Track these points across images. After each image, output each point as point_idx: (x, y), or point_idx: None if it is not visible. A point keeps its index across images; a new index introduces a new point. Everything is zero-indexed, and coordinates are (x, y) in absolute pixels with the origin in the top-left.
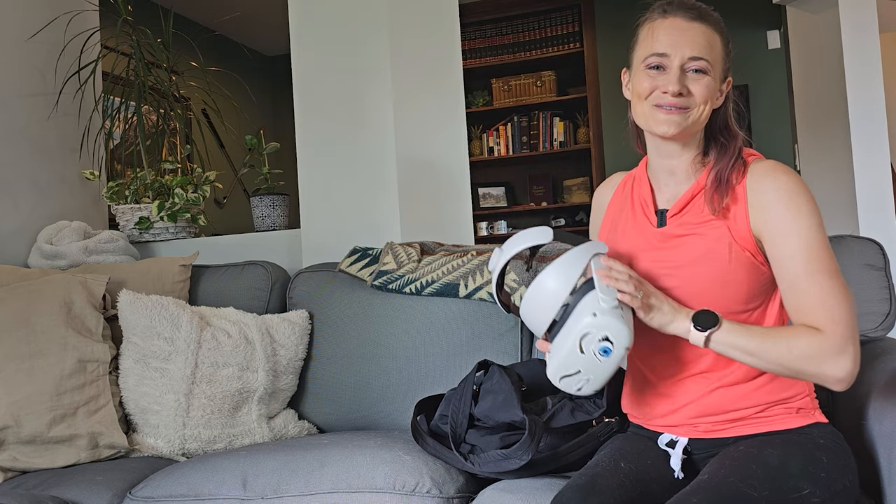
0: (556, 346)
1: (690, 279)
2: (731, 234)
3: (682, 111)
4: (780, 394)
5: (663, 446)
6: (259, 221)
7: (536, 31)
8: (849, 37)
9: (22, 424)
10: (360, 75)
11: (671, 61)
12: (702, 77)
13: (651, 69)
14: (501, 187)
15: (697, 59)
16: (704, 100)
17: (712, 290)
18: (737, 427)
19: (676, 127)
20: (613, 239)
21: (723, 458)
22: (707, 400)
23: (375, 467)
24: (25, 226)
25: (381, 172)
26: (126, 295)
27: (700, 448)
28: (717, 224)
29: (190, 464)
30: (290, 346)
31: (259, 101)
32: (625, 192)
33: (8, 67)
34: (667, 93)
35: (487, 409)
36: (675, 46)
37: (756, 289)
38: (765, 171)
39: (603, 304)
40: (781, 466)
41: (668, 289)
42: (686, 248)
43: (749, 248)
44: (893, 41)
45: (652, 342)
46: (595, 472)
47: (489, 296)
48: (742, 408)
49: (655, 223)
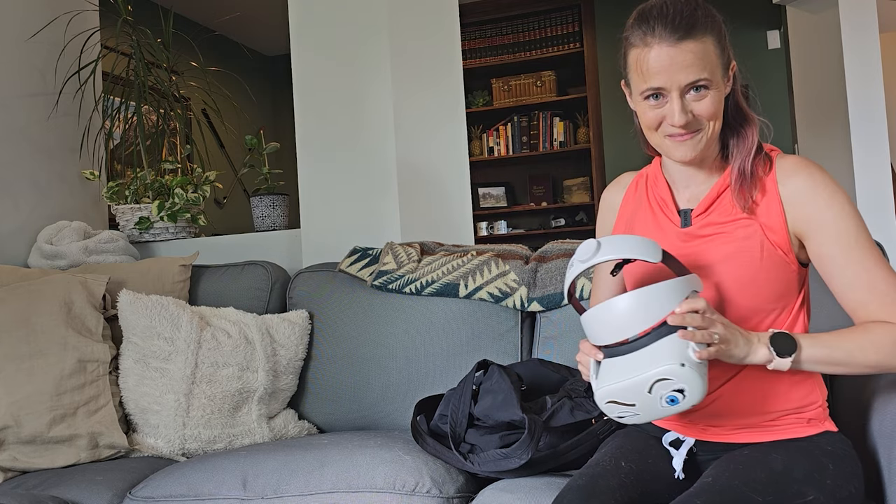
0: (616, 367)
1: (721, 279)
2: (763, 231)
3: (694, 134)
4: (797, 402)
5: (666, 444)
6: (259, 221)
7: (536, 31)
8: (849, 37)
9: (22, 424)
10: (361, 75)
11: (669, 92)
12: (704, 94)
13: (651, 99)
14: (501, 187)
15: (694, 82)
16: (712, 115)
17: (741, 289)
18: (746, 433)
19: (692, 151)
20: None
21: (727, 462)
22: (720, 404)
23: (375, 467)
24: (25, 226)
25: (381, 172)
26: (126, 295)
27: (705, 450)
28: (747, 222)
29: (190, 464)
30: (290, 346)
31: (259, 101)
32: (638, 193)
33: (8, 67)
34: (673, 125)
35: (487, 409)
36: (669, 79)
37: (783, 288)
38: (797, 167)
39: (693, 355)
40: (786, 472)
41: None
42: (714, 247)
43: (782, 245)
44: (893, 41)
45: None
46: (595, 471)
47: (489, 295)
48: (756, 414)
49: (679, 223)
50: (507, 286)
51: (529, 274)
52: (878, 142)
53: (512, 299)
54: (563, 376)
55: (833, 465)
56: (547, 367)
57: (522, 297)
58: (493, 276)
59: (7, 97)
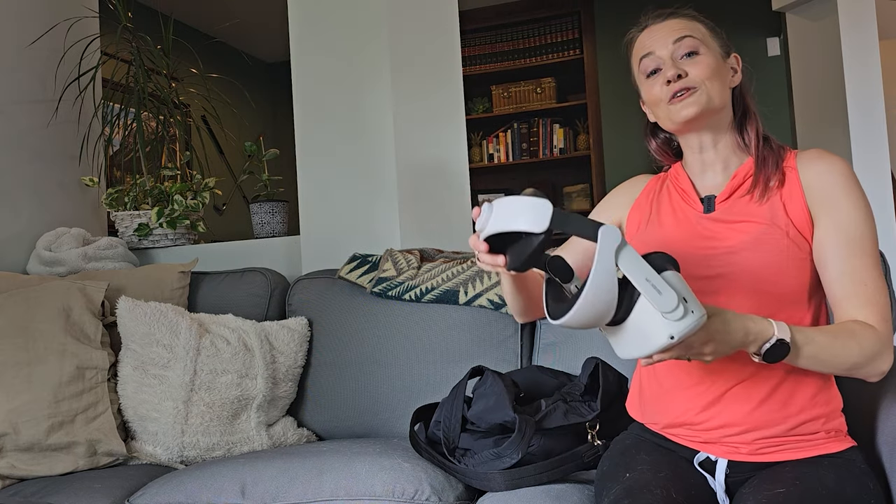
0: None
1: (742, 266)
2: (788, 216)
3: (692, 91)
4: (820, 408)
5: (696, 465)
6: (258, 228)
7: (536, 38)
8: (849, 44)
9: (20, 432)
10: (360, 82)
11: (660, 55)
12: (695, 58)
13: (650, 76)
14: (501, 194)
15: (681, 38)
16: (707, 75)
17: (767, 278)
18: (777, 451)
19: (695, 105)
20: (651, 233)
21: (778, 481)
22: (751, 417)
23: (374, 475)
24: (24, 232)
25: (380, 179)
26: (125, 302)
27: (737, 470)
28: (771, 208)
29: (188, 471)
30: (290, 353)
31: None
32: (655, 189)
33: (7, 74)
34: (670, 81)
35: (480, 412)
36: (657, 42)
37: (808, 279)
38: (819, 155)
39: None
40: (840, 491)
41: (715, 277)
42: (739, 232)
43: (806, 231)
44: (893, 48)
45: None
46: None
47: (488, 302)
48: (781, 421)
49: (702, 209)
50: None
51: None
52: (879, 149)
53: None
54: (561, 382)
55: (872, 485)
56: (545, 374)
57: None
58: (492, 283)
59: (7, 104)
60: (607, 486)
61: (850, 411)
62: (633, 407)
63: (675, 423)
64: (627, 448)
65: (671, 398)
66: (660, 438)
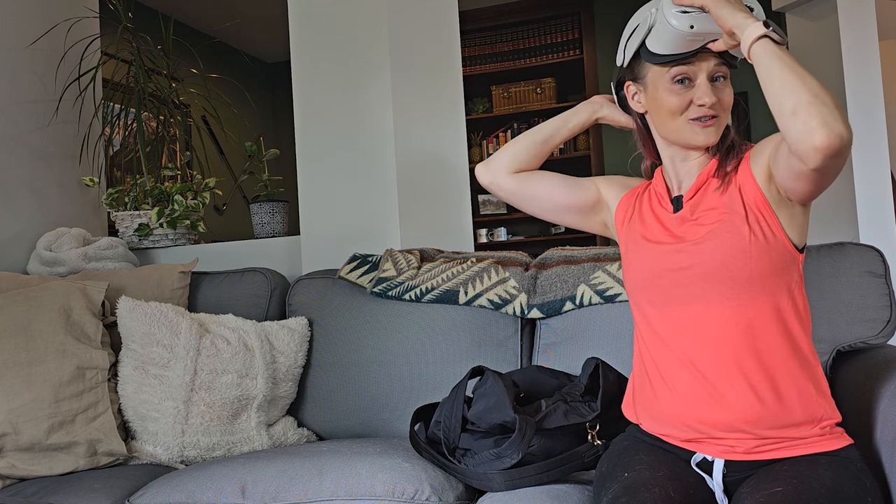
0: None
1: (709, 253)
2: (744, 201)
3: (716, 120)
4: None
5: (694, 466)
6: (258, 228)
7: (536, 39)
8: (848, 44)
9: (20, 432)
10: (360, 82)
11: (698, 69)
12: (725, 84)
13: (677, 83)
14: None
15: (722, 64)
16: (730, 105)
17: (734, 262)
18: (774, 450)
19: (715, 136)
20: (633, 229)
21: (775, 480)
22: (745, 416)
23: (374, 475)
24: (25, 232)
25: (380, 179)
26: (125, 302)
27: (734, 470)
28: (732, 199)
29: (188, 471)
30: (290, 353)
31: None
32: (639, 192)
33: (8, 74)
34: (703, 105)
35: (480, 412)
36: (699, 61)
37: (775, 264)
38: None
39: None
40: (838, 489)
41: (688, 267)
42: (702, 224)
43: (763, 207)
44: (893, 48)
45: (697, 333)
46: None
47: (488, 302)
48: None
49: (671, 209)
50: (507, 293)
51: (529, 281)
52: (878, 149)
53: (512, 306)
54: (561, 382)
55: (869, 483)
56: (545, 374)
57: (522, 303)
58: (492, 283)
59: (7, 104)
60: (606, 485)
61: (849, 411)
62: (628, 408)
63: (668, 425)
64: (626, 449)
65: (662, 402)
66: (655, 440)
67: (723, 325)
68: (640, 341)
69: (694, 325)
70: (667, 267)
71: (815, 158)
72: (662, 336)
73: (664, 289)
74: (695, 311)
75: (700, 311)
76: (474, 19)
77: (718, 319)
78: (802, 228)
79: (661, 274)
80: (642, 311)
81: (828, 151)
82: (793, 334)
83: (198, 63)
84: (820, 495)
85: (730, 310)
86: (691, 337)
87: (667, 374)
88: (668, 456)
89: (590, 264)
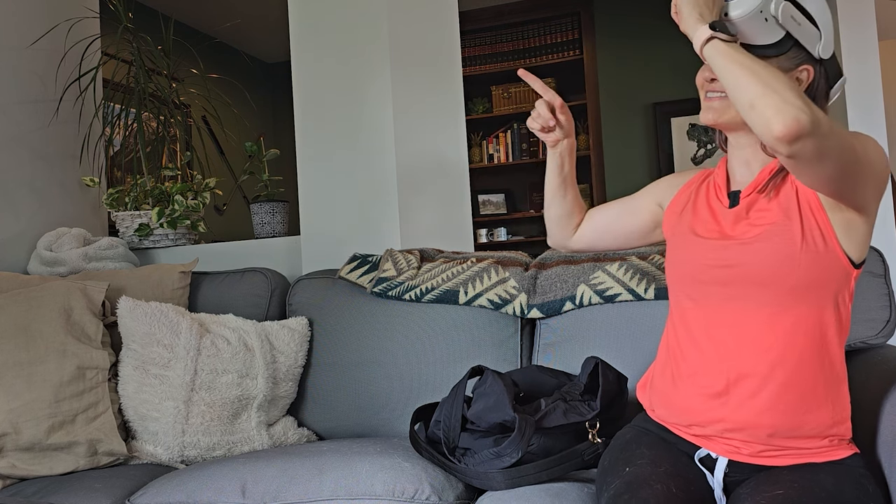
0: None
1: (756, 255)
2: (799, 202)
3: (721, 97)
4: (831, 415)
5: (697, 461)
6: (259, 228)
7: (536, 39)
8: (848, 44)
9: (21, 431)
10: (361, 82)
11: None
12: None
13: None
14: (501, 194)
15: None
16: None
17: (780, 268)
18: (780, 457)
19: (714, 114)
20: (684, 220)
21: (776, 483)
22: (757, 418)
23: (374, 474)
24: (25, 232)
25: (380, 179)
26: (125, 302)
27: (736, 470)
28: (790, 201)
29: (189, 471)
30: (290, 353)
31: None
32: (699, 182)
33: (8, 74)
34: (705, 79)
35: (479, 412)
36: None
37: (822, 275)
38: None
39: None
40: (839, 494)
41: (731, 266)
42: (754, 225)
43: (818, 214)
44: (893, 49)
45: (729, 333)
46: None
47: (488, 302)
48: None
49: (727, 204)
50: (507, 293)
51: (529, 281)
52: None
53: (512, 306)
54: (560, 381)
55: (871, 488)
56: (545, 374)
57: (522, 303)
58: (492, 283)
59: (7, 104)
60: (607, 480)
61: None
62: (643, 392)
63: (680, 417)
64: (628, 443)
65: (681, 394)
66: (663, 430)
67: (758, 329)
68: (671, 332)
69: (728, 325)
70: (709, 263)
71: (780, 147)
72: (693, 331)
73: (705, 285)
74: (732, 311)
75: (737, 312)
76: (474, 20)
77: (754, 323)
78: (862, 240)
79: (702, 270)
80: (679, 304)
81: (788, 137)
82: (829, 349)
83: (198, 63)
84: (821, 499)
85: (767, 316)
86: (723, 337)
87: (690, 369)
88: (672, 450)
89: (590, 264)
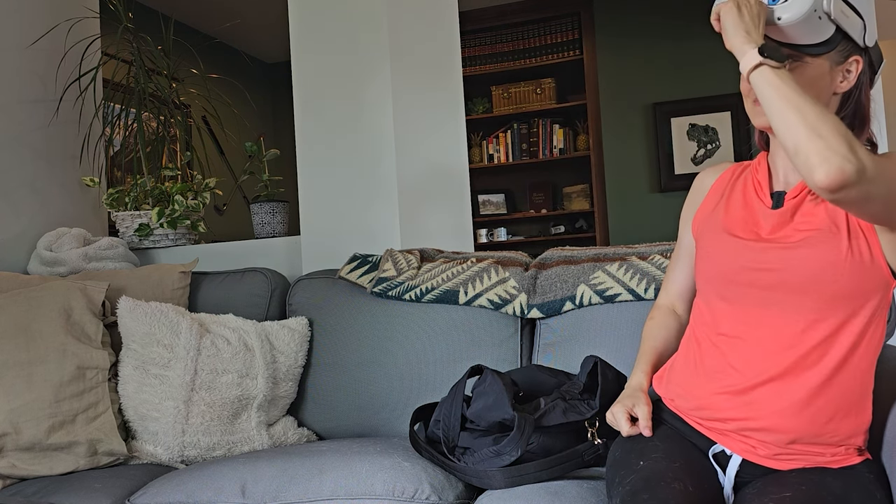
0: None
1: (798, 261)
2: (850, 221)
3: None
4: (853, 424)
5: (710, 457)
6: (259, 228)
7: (536, 39)
8: None
9: (21, 431)
10: (361, 82)
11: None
12: (794, 69)
13: None
14: (501, 194)
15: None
16: None
17: (823, 275)
18: (794, 461)
19: (754, 115)
20: (716, 218)
21: (784, 486)
22: (778, 418)
23: (374, 474)
24: (25, 232)
25: (380, 179)
26: (125, 302)
27: (747, 470)
28: (835, 207)
29: (189, 471)
30: (290, 353)
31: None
32: (733, 177)
33: (8, 74)
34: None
35: (479, 411)
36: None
37: (865, 284)
38: None
39: None
40: (846, 497)
41: (771, 270)
42: (797, 230)
43: (865, 226)
44: (893, 48)
45: (763, 337)
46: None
47: (488, 302)
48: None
49: (770, 205)
50: (507, 293)
51: (529, 281)
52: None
53: (511, 306)
54: (559, 380)
55: (879, 495)
56: (544, 373)
57: (522, 303)
58: (492, 283)
59: (7, 103)
60: (620, 472)
61: None
62: (660, 382)
63: (701, 409)
64: (640, 434)
65: (703, 389)
66: (677, 420)
67: (794, 336)
68: (699, 327)
69: (763, 327)
70: (747, 265)
71: (824, 194)
72: (725, 331)
73: (741, 286)
74: (768, 315)
75: (773, 316)
76: (474, 20)
77: (790, 328)
78: None
79: (739, 271)
80: (710, 303)
81: (832, 187)
82: (861, 360)
83: (198, 63)
84: (828, 503)
85: (805, 323)
86: (757, 338)
87: (718, 365)
88: (685, 443)
89: (590, 264)
